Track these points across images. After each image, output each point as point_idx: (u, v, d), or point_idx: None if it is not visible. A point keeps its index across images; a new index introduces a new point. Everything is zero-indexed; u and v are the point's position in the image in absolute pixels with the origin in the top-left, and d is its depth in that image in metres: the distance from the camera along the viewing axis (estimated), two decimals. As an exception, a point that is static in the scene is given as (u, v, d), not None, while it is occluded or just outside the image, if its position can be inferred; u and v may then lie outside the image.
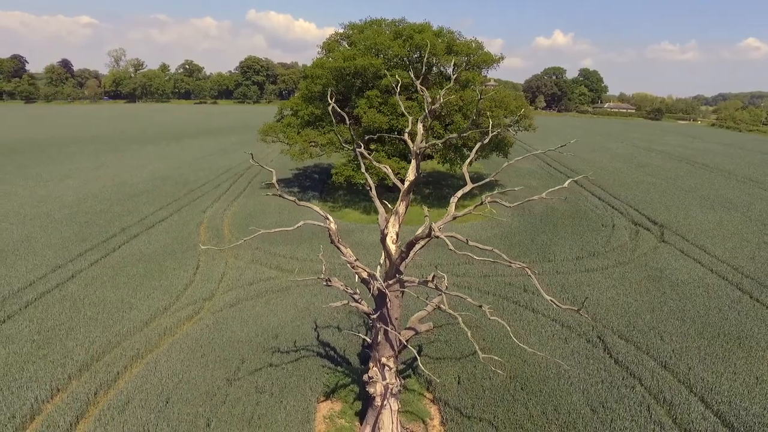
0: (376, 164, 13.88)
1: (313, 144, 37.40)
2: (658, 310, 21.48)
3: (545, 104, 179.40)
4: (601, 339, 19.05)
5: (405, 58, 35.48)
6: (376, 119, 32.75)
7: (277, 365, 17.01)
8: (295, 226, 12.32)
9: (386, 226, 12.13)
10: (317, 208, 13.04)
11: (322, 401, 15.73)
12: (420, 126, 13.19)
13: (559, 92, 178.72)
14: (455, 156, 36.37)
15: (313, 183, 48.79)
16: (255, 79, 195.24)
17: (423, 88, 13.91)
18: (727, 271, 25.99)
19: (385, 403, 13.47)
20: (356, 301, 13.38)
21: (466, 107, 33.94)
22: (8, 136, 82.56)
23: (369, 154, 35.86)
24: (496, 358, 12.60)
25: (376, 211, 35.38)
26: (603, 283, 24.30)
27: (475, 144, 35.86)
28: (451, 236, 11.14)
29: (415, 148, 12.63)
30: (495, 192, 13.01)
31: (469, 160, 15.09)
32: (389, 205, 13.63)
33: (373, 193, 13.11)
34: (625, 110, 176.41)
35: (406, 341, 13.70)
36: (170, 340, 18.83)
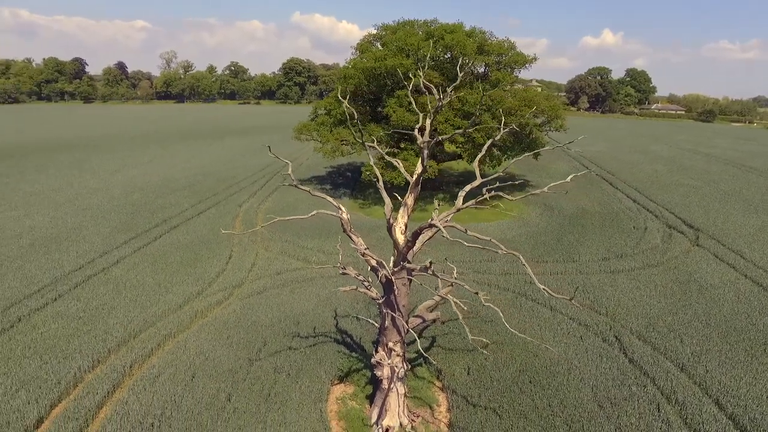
0: (388, 158, 14.52)
1: (344, 142, 38.45)
2: (681, 312, 21.09)
3: (588, 105, 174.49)
4: (617, 338, 18.97)
5: (436, 59, 35.93)
6: (405, 118, 33.36)
7: (296, 349, 17.98)
8: (309, 215, 13.22)
9: (391, 216, 12.78)
10: (330, 199, 13.87)
11: (336, 384, 16.56)
12: (428, 122, 13.77)
13: (603, 93, 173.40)
14: (484, 155, 36.41)
15: (346, 180, 49.94)
16: (297, 80, 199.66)
17: (431, 85, 14.49)
18: (762, 276, 25.05)
19: (391, 386, 14.15)
20: (366, 287, 14.10)
21: (495, 107, 34.03)
22: (68, 133, 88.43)
23: (398, 153, 36.67)
24: (485, 340, 13.09)
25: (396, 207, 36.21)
26: (627, 284, 23.99)
27: (504, 143, 36.00)
28: (451, 226, 11.71)
29: (420, 142, 13.22)
30: (496, 185, 13.38)
31: (479, 156, 15.56)
32: (400, 198, 14.28)
33: (381, 185, 13.82)
34: (674, 112, 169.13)
35: (413, 328, 14.35)
36: (200, 322, 20.19)
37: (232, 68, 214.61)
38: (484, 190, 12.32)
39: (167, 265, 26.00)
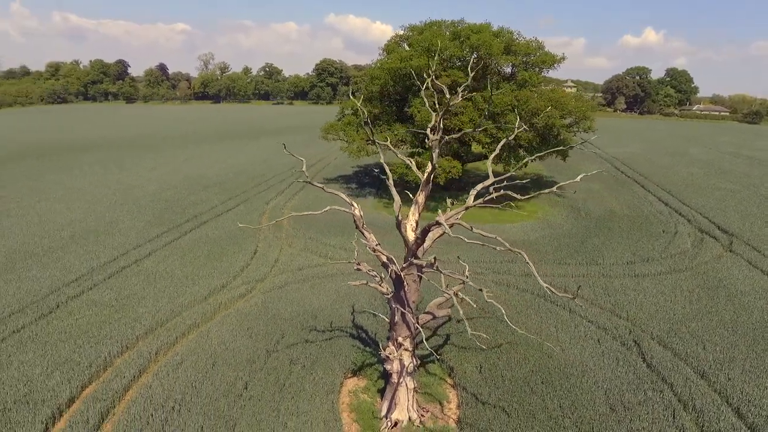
0: (400, 156, 14.81)
1: (370, 142, 38.91)
2: (706, 318, 20.49)
3: (625, 106, 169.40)
4: (636, 343, 18.64)
5: (461, 59, 35.92)
6: (429, 118, 33.43)
7: (312, 342, 18.49)
8: (322, 211, 13.69)
9: (400, 213, 13.06)
10: (343, 196, 14.28)
11: (350, 377, 16.97)
12: (438, 120, 13.98)
13: (641, 93, 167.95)
14: (509, 156, 36.23)
15: (372, 180, 50.40)
16: (329, 81, 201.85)
17: (442, 85, 14.69)
18: (798, 285, 24.00)
19: (401, 380, 14.43)
20: (378, 283, 14.42)
21: (521, 107, 33.73)
22: (111, 132, 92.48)
23: (423, 152, 36.86)
24: (485, 335, 13.19)
25: (428, 209, 36.29)
26: (651, 289, 23.45)
27: (530, 144, 35.66)
28: (457, 223, 11.89)
29: (430, 140, 13.45)
30: (504, 184, 13.46)
31: (493, 155, 15.65)
32: (411, 196, 14.54)
33: (390, 182, 14.12)
34: (717, 113, 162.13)
35: (423, 324, 14.61)
36: (223, 313, 20.99)
37: (267, 69, 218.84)
38: (491, 189, 12.44)
39: (195, 258, 27.06)
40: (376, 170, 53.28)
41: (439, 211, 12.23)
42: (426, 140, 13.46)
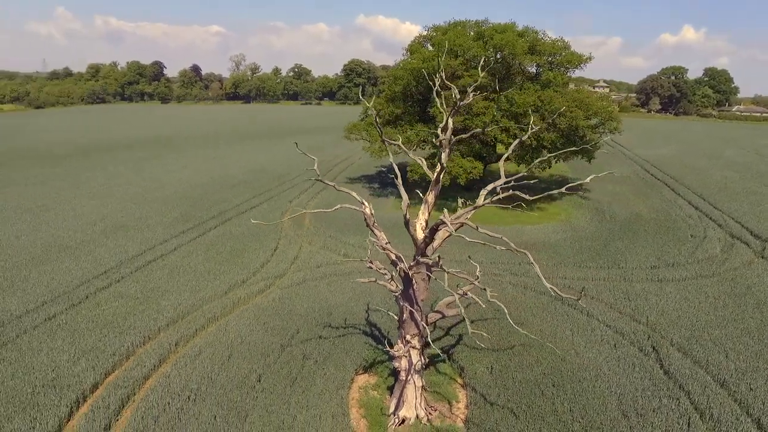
0: (413, 157, 14.93)
1: (391, 142, 39.06)
2: (730, 326, 19.83)
3: (660, 107, 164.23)
4: (654, 349, 18.21)
5: (484, 59, 35.68)
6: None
7: (326, 338, 18.81)
8: (333, 209, 13.98)
9: (407, 212, 13.20)
10: (355, 194, 14.54)
11: (361, 374, 17.20)
12: (450, 121, 14.04)
13: (677, 94, 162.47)
14: (531, 157, 35.79)
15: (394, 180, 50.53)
16: (357, 81, 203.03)
17: (452, 85, 14.73)
18: (834, 294, 22.93)
19: (409, 378, 14.56)
20: (387, 280, 14.59)
21: (544, 107, 33.29)
22: (146, 131, 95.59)
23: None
24: (485, 334, 13.16)
25: (447, 210, 36.30)
26: (674, 294, 22.81)
27: (553, 144, 35.16)
28: (464, 222, 11.94)
29: (440, 140, 13.53)
30: (511, 184, 13.42)
31: (505, 155, 15.61)
32: (421, 195, 14.65)
33: (399, 181, 14.28)
34: (758, 114, 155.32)
35: (432, 323, 14.71)
36: (242, 308, 21.56)
37: (296, 70, 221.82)
38: (499, 189, 12.43)
39: (218, 254, 27.83)
40: (383, 169, 53.56)
41: (445, 210, 12.30)
42: (434, 140, 13.50)
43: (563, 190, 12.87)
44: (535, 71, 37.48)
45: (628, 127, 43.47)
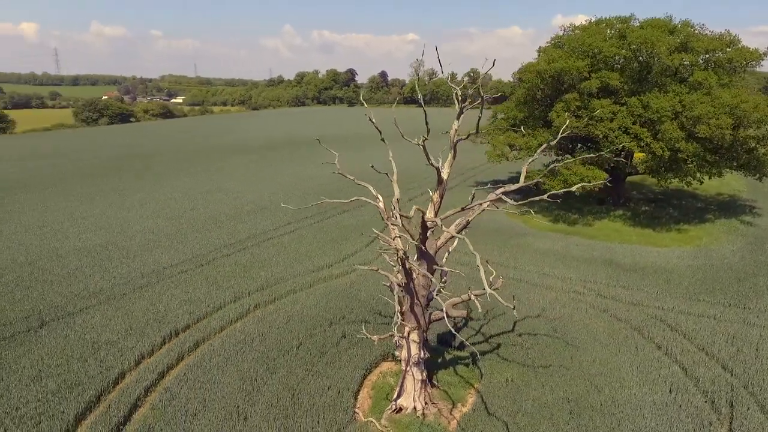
0: (430, 159, 15.45)
1: (512, 147, 38.07)
2: None
3: None
4: (730, 404, 15.12)
5: (620, 59, 32.23)
6: (569, 123, 31.19)
7: (369, 322, 20.29)
8: (349, 200, 15.50)
9: (404, 209, 13.87)
10: (371, 188, 15.79)
11: (388, 360, 18.25)
12: (456, 124, 14.15)
13: None
14: (666, 170, 31.01)
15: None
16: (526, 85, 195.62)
17: (456, 87, 14.69)
18: None
19: (407, 369, 15.21)
20: (390, 271, 15.42)
21: (684, 113, 28.56)
22: (328, 131, 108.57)
23: (562, 159, 34.52)
24: (474, 349, 12.97)
25: (562, 220, 34.31)
26: (803, 349, 18.11)
27: (694, 157, 30.12)
28: (434, 221, 12.26)
29: (425, 139, 13.91)
30: (512, 188, 13.00)
31: (531, 159, 15.04)
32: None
33: (394, 179, 14.93)
34: None
35: (433, 321, 15.12)
36: (318, 286, 24.36)
37: (471, 74, 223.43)
38: (494, 192, 12.31)
39: (322, 239, 31.38)
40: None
41: (430, 206, 12.76)
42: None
43: (545, 197, 12.10)
44: (685, 71, 32.03)
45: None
